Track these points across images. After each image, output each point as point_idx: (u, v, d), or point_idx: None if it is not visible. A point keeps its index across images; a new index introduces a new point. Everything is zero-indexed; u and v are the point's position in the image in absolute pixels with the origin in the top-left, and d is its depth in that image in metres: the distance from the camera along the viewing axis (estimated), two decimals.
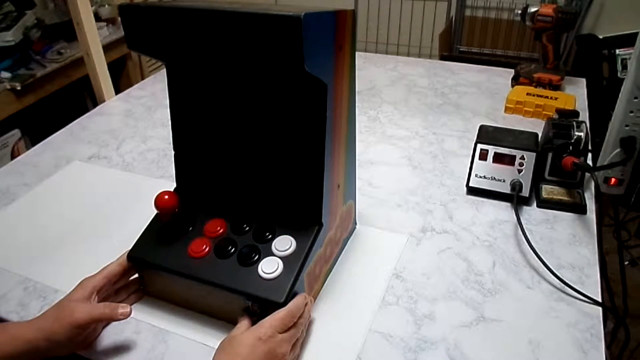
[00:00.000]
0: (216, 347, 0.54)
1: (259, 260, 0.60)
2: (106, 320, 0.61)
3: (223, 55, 0.57)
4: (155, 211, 0.64)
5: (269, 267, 0.58)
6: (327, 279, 0.69)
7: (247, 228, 0.63)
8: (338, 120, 0.61)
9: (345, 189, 0.68)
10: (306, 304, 0.58)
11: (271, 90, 0.61)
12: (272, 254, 0.60)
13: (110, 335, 0.62)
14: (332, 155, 0.61)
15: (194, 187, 0.69)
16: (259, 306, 0.58)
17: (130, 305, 0.60)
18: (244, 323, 0.56)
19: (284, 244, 0.60)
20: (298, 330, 0.56)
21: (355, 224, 0.78)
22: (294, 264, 0.59)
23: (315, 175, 0.60)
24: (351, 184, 0.71)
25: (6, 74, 1.73)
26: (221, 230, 0.63)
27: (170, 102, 0.67)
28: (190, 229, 0.65)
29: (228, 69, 0.61)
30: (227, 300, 0.59)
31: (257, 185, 0.66)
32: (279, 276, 0.58)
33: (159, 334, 0.62)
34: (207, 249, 0.62)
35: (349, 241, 0.75)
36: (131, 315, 0.58)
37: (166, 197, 0.63)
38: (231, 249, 0.61)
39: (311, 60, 0.51)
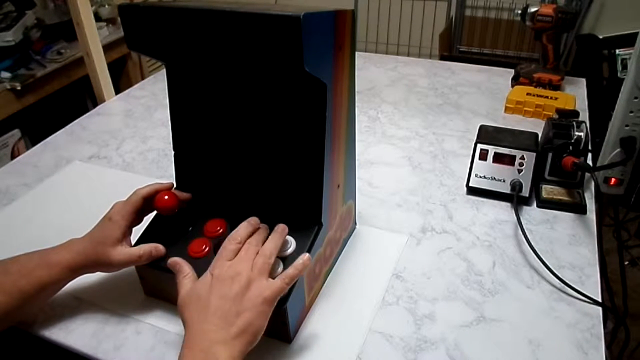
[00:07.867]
0: None
1: None
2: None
3: (223, 55, 0.57)
4: (155, 211, 0.64)
5: None
6: (327, 279, 0.69)
7: None
8: (338, 120, 0.61)
9: (345, 189, 0.68)
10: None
11: (271, 90, 0.61)
12: None
13: (110, 335, 0.62)
14: (332, 155, 0.61)
15: (194, 187, 0.69)
16: None
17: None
18: (188, 277, 0.56)
19: (284, 244, 0.60)
20: (252, 246, 0.56)
21: (355, 224, 0.78)
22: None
23: (315, 175, 0.60)
24: (351, 184, 0.71)
25: (6, 74, 1.72)
26: (221, 230, 0.63)
27: (170, 102, 0.67)
28: (190, 229, 0.65)
29: (228, 69, 0.61)
30: None
31: (257, 186, 0.66)
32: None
33: (159, 334, 0.62)
34: (207, 249, 0.61)
35: (349, 241, 0.75)
36: (132, 316, 0.58)
37: (166, 197, 0.63)
38: None
39: (311, 61, 0.51)
